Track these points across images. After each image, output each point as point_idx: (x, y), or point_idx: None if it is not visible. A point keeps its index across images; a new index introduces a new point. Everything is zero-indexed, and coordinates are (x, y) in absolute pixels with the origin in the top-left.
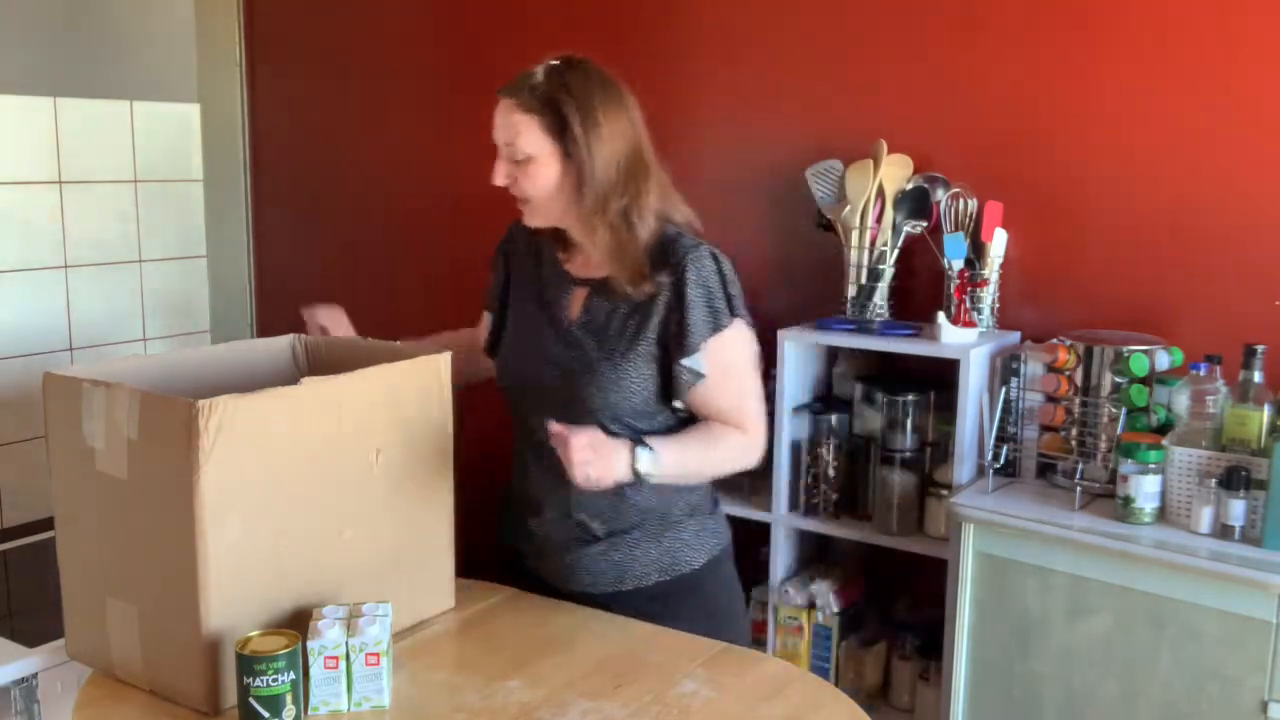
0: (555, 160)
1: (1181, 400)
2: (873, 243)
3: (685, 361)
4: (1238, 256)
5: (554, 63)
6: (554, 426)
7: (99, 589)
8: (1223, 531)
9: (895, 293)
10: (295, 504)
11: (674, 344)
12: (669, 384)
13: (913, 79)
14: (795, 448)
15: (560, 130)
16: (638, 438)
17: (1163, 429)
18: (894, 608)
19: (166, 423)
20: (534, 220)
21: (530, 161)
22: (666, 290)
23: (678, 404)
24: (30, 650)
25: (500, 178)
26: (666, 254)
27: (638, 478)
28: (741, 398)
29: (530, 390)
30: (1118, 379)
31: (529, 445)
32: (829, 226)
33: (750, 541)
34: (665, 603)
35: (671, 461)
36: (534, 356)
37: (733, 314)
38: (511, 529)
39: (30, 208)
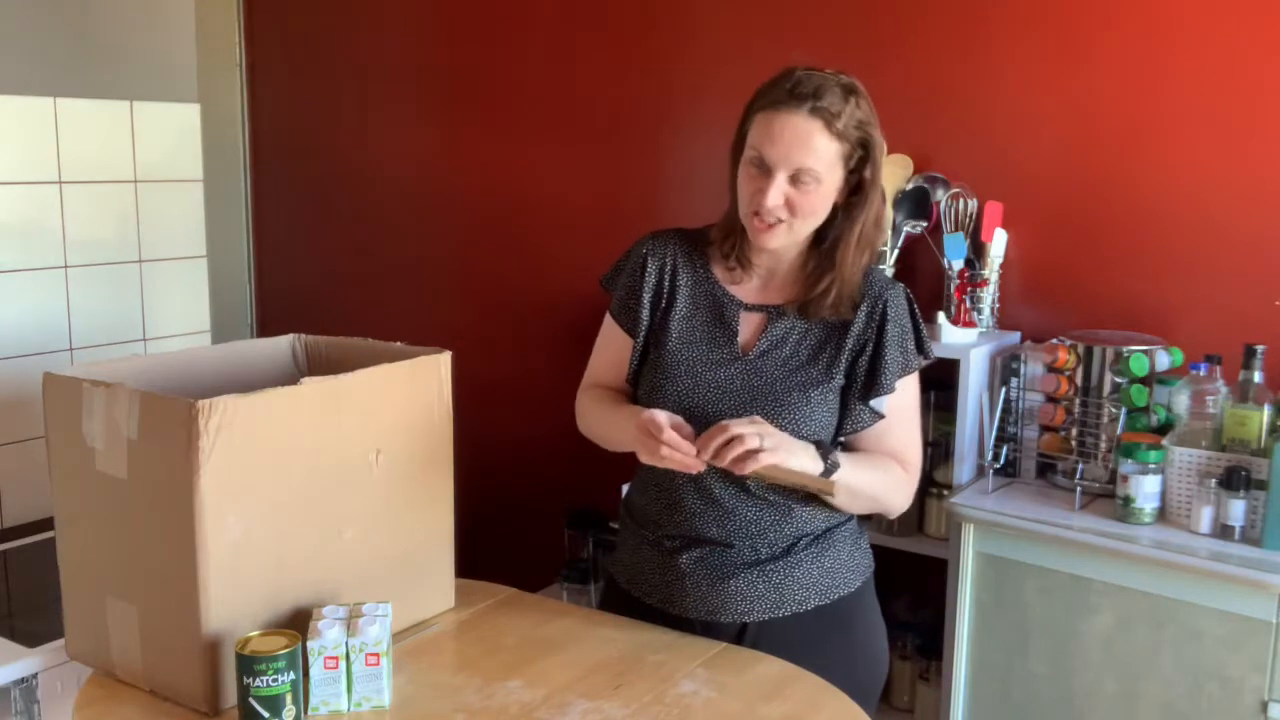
0: (838, 188)
1: (1181, 400)
2: None
3: (872, 401)
4: (1237, 256)
5: (843, 81)
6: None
7: (99, 589)
8: (1223, 531)
9: None
10: (295, 504)
11: (863, 381)
12: (844, 417)
13: (913, 79)
14: None
15: (858, 163)
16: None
17: (1163, 429)
18: (894, 608)
19: (166, 423)
20: (777, 242)
21: (817, 185)
22: (861, 323)
23: (842, 438)
24: (30, 650)
25: (778, 197)
26: (864, 285)
27: (826, 476)
28: (911, 437)
29: (697, 421)
30: (1118, 379)
31: (689, 477)
32: None
33: None
34: (818, 628)
35: (853, 474)
36: (705, 385)
37: (923, 356)
38: (639, 573)
39: (30, 208)
